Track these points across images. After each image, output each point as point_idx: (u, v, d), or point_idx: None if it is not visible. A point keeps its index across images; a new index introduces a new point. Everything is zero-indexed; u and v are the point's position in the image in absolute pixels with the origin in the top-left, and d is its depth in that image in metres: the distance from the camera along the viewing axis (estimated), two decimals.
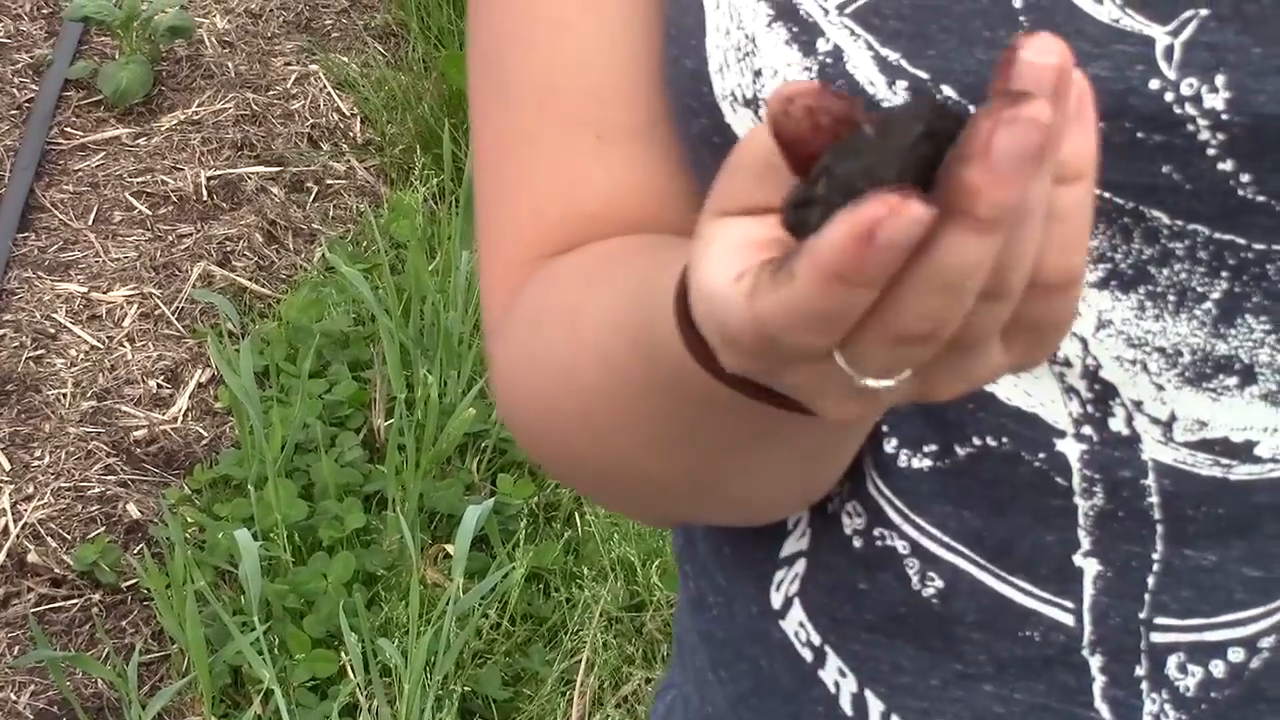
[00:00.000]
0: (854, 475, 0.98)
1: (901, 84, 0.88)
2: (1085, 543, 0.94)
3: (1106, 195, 0.88)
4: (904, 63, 0.88)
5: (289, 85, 4.11)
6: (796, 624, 1.01)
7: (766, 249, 0.70)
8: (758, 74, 0.91)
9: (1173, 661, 0.95)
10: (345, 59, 4.15)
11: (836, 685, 1.01)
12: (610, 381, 0.90)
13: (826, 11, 0.90)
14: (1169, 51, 0.85)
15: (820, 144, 0.68)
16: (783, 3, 0.90)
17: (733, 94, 0.92)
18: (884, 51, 0.89)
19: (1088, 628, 0.95)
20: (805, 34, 0.90)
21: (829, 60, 0.89)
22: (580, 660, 2.84)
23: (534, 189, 1.00)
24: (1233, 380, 0.91)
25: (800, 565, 1.01)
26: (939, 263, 0.65)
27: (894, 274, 0.66)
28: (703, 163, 0.95)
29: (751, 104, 0.91)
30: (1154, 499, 0.93)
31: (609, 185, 0.99)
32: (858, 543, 0.98)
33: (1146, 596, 0.94)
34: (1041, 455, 0.93)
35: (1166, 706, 0.95)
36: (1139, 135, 0.86)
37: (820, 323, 0.67)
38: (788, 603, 1.01)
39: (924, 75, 0.88)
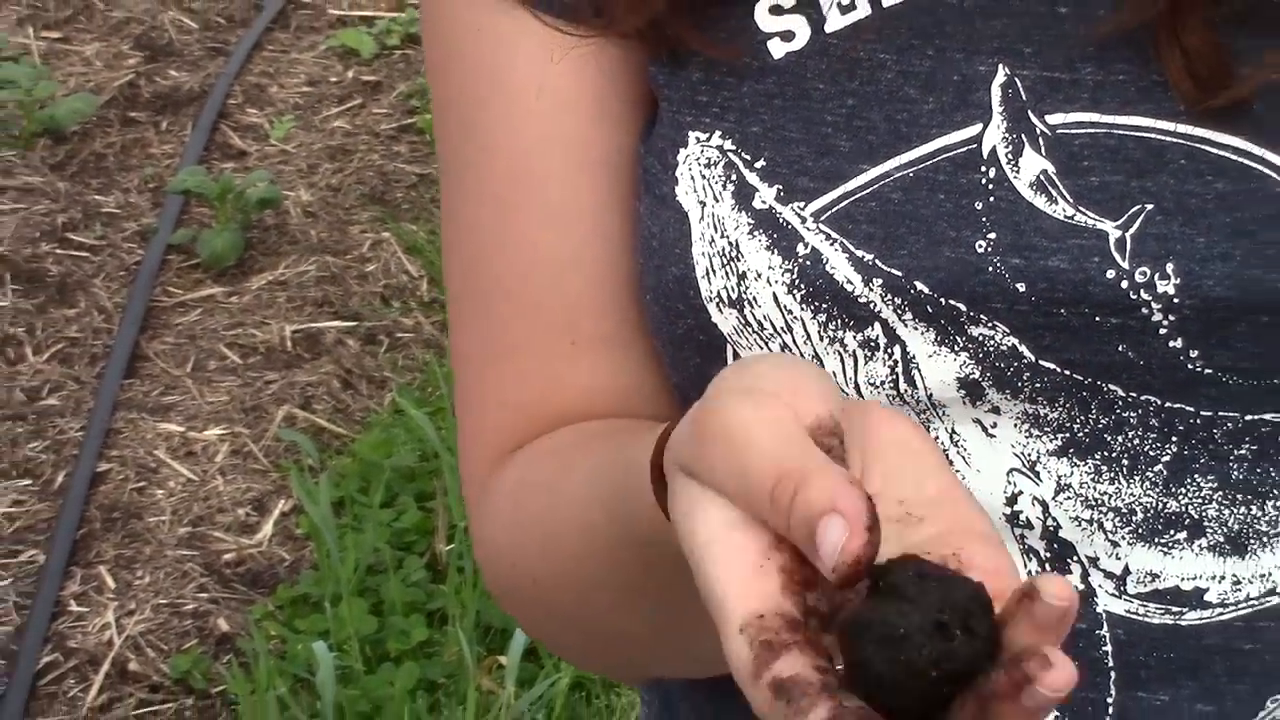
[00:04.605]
0: None
1: (877, 281, 0.87)
2: None
3: (1066, 372, 0.87)
4: (878, 262, 0.87)
5: (364, 250, 4.13)
6: None
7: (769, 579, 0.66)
8: (742, 277, 0.89)
9: None
10: (414, 227, 4.17)
11: None
12: (590, 544, 0.88)
13: (804, 219, 0.88)
14: (1121, 243, 0.85)
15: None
16: (762, 212, 0.89)
17: (719, 295, 0.90)
18: (859, 253, 0.87)
19: None
20: (785, 240, 0.88)
21: (808, 263, 0.88)
22: None
23: (514, 391, 0.97)
24: (1182, 535, 0.89)
25: None
26: None
27: None
28: (683, 360, 0.93)
29: (736, 304, 0.89)
30: (1107, 648, 0.91)
31: (582, 387, 0.96)
32: None
33: None
34: None
35: None
36: (1097, 319, 0.85)
37: None
38: None
39: (898, 273, 0.86)
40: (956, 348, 0.87)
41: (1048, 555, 0.90)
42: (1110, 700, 0.92)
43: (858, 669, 0.63)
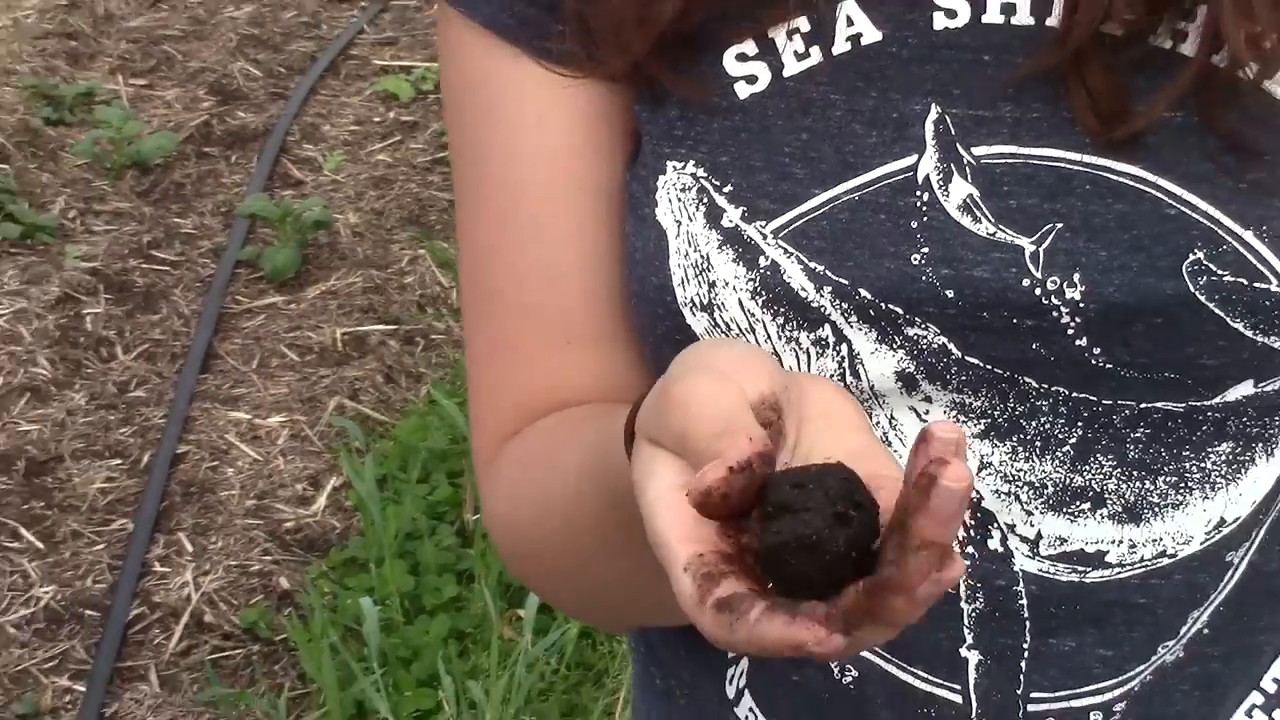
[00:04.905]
0: None
1: (827, 289, 0.86)
2: (969, 638, 0.91)
3: (988, 367, 0.86)
4: (828, 273, 0.86)
5: (403, 265, 4.12)
6: (747, 709, 0.97)
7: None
8: (712, 285, 0.88)
9: None
10: (446, 245, 4.16)
11: None
12: (579, 511, 0.87)
13: (765, 236, 0.87)
14: (1035, 257, 0.84)
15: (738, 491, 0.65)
16: (729, 230, 0.88)
17: (692, 301, 0.89)
18: (812, 264, 0.86)
19: (975, 705, 0.92)
20: (748, 254, 0.87)
21: (768, 273, 0.87)
22: (619, 697, 2.83)
23: (515, 385, 0.96)
24: (1087, 505, 0.89)
25: (744, 662, 0.97)
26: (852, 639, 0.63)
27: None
28: (663, 357, 0.90)
29: (707, 309, 0.89)
30: (1023, 601, 0.90)
31: (576, 381, 0.95)
32: None
33: (1021, 677, 0.91)
34: None
35: None
36: (1014, 321, 0.85)
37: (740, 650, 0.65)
38: (739, 693, 0.97)
39: (845, 281, 0.86)
40: (895, 346, 0.87)
41: (972, 523, 0.90)
42: (1025, 645, 0.91)
43: (792, 583, 0.63)
